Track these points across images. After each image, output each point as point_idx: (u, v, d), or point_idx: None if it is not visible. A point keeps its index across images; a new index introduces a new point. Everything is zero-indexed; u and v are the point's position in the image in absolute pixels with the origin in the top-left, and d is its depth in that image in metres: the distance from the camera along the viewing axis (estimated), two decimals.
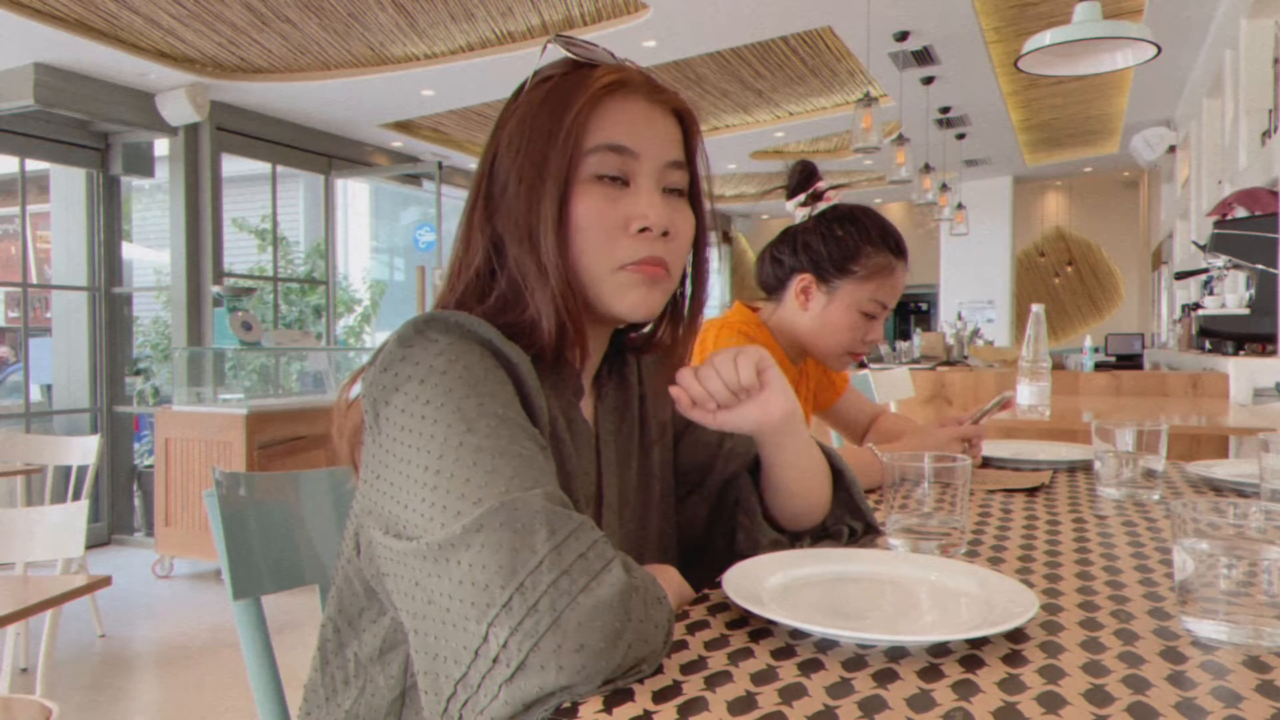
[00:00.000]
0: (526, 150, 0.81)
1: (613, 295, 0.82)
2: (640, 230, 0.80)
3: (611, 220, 0.80)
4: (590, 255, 0.80)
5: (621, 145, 0.80)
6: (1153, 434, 1.26)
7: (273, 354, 6.03)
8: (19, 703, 1.74)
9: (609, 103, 0.81)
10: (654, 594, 0.64)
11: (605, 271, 0.81)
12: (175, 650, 3.60)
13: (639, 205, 0.80)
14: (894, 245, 1.59)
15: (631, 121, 0.81)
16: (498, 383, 0.72)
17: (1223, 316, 3.98)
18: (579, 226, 0.80)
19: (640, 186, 0.81)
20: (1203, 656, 0.67)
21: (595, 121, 0.80)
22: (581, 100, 0.80)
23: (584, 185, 0.80)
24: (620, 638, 0.60)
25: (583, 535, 0.63)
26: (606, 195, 0.80)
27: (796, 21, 4.88)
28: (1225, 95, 5.41)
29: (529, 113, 0.82)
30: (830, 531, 1.01)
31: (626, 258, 0.81)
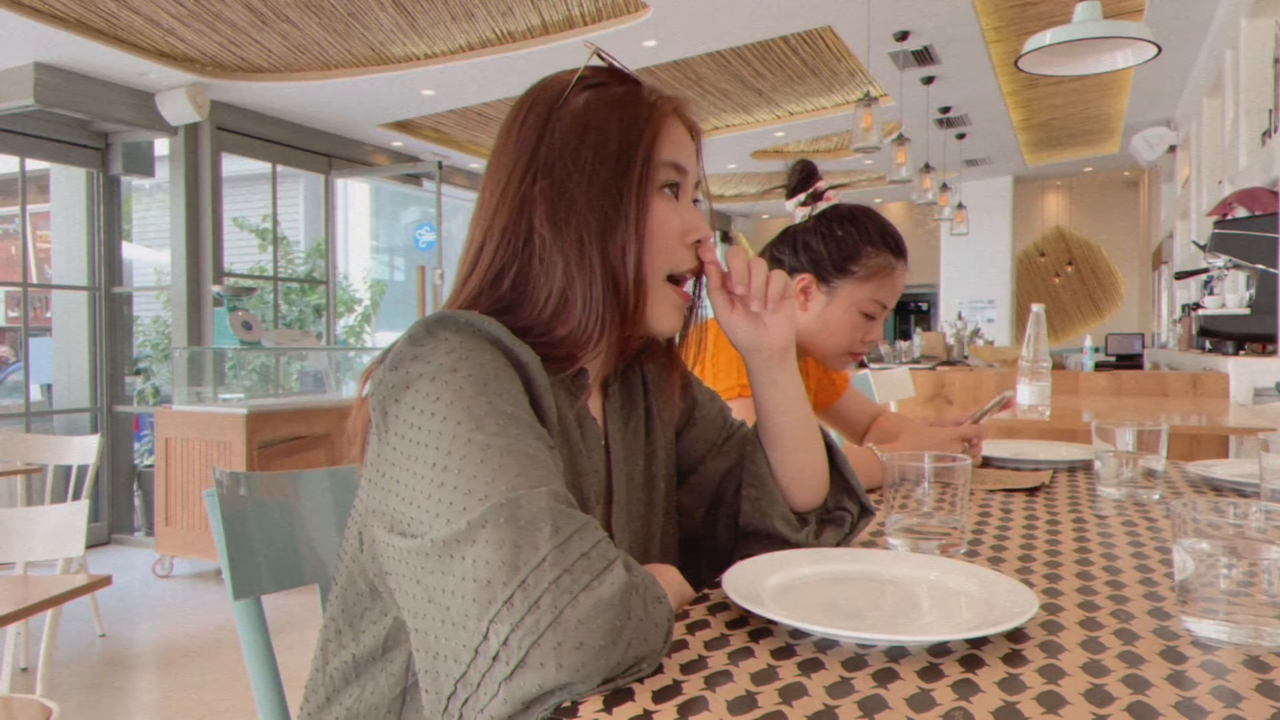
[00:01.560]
0: (598, 156, 0.83)
1: (656, 309, 0.86)
2: (694, 241, 0.87)
3: (674, 229, 0.86)
4: (654, 262, 0.85)
5: (681, 164, 0.87)
6: (1153, 434, 1.26)
7: (273, 354, 6.03)
8: (19, 702, 1.74)
9: (671, 122, 0.87)
10: (654, 593, 0.65)
11: (658, 279, 0.85)
12: (175, 650, 3.61)
13: (691, 218, 0.87)
14: (894, 245, 1.59)
15: (683, 142, 0.88)
16: (508, 382, 0.72)
17: (1223, 316, 3.98)
18: (652, 233, 0.84)
19: (686, 202, 0.88)
20: (1203, 656, 0.67)
21: (664, 138, 0.86)
22: (654, 117, 0.85)
23: (656, 195, 0.85)
24: (620, 636, 0.60)
25: (586, 534, 0.63)
26: (671, 207, 0.86)
27: (796, 21, 4.88)
28: (1225, 95, 5.41)
29: (593, 118, 0.84)
30: (833, 516, 1.01)
31: (680, 266, 0.87)
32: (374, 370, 0.76)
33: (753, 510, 0.97)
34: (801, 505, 0.99)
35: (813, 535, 0.99)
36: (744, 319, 0.93)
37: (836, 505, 1.02)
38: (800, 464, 0.97)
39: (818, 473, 0.99)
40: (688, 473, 1.02)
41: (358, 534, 0.81)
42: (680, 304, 0.88)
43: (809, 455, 0.98)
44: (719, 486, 1.01)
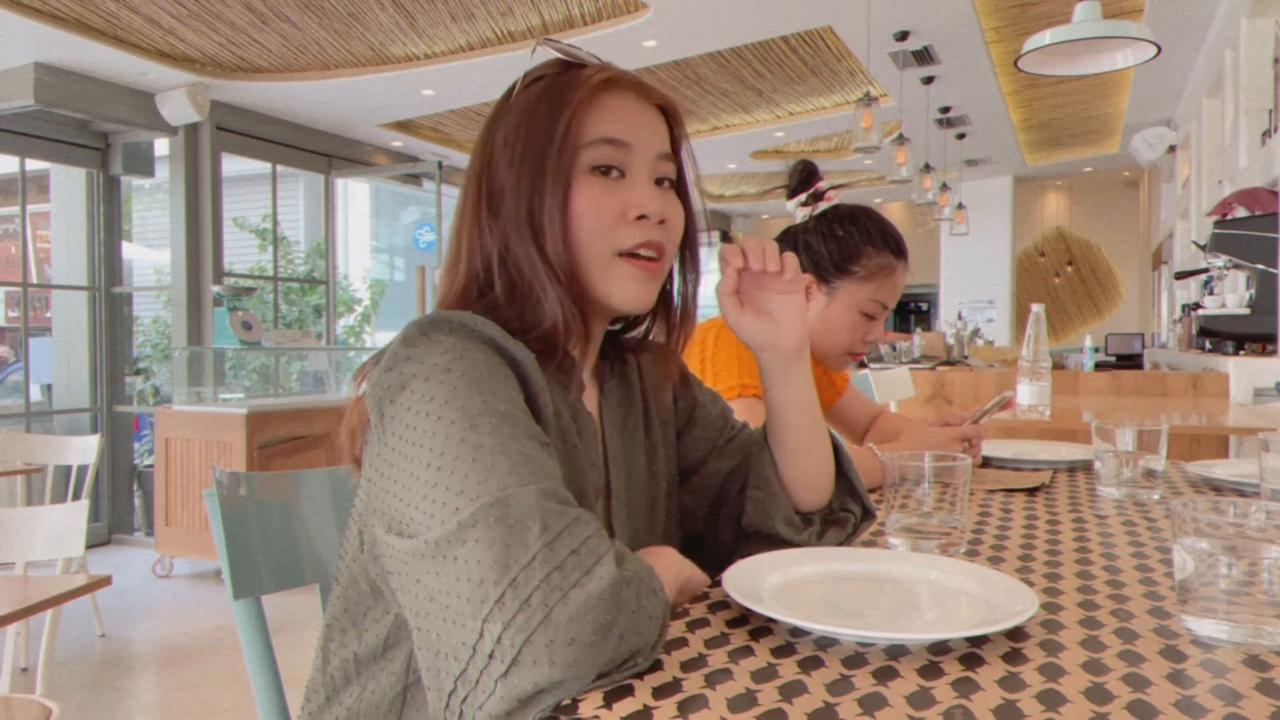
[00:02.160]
0: (525, 148, 0.83)
1: (613, 286, 0.84)
2: (638, 217, 0.83)
3: (611, 209, 0.83)
4: (591, 244, 0.83)
5: (616, 138, 0.83)
6: (1153, 434, 1.26)
7: (273, 354, 6.03)
8: (19, 702, 1.74)
9: (602, 98, 0.84)
10: (648, 586, 0.64)
11: (606, 259, 0.83)
12: (175, 650, 3.61)
13: (636, 194, 0.84)
14: (894, 245, 1.59)
15: (624, 115, 0.85)
16: (502, 380, 0.72)
17: (1223, 316, 3.98)
18: (580, 217, 0.82)
19: (635, 177, 0.85)
20: (1202, 655, 0.67)
21: (591, 116, 0.83)
22: (577, 97, 0.83)
23: (583, 178, 0.83)
24: (611, 630, 0.60)
25: (576, 530, 0.63)
26: (604, 186, 0.83)
27: (796, 21, 4.88)
28: (1225, 95, 5.41)
29: (524, 112, 0.85)
30: (837, 517, 1.01)
31: (626, 243, 0.83)
32: (369, 371, 0.77)
33: (755, 511, 0.97)
34: (806, 505, 0.99)
35: (815, 536, 0.99)
36: (755, 318, 0.93)
37: (841, 506, 1.02)
38: (807, 464, 0.97)
39: (824, 473, 0.99)
40: (690, 473, 1.02)
41: (358, 534, 0.81)
42: (641, 276, 0.84)
43: (817, 455, 0.98)
44: (721, 487, 1.01)
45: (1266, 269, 3.74)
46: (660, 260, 0.86)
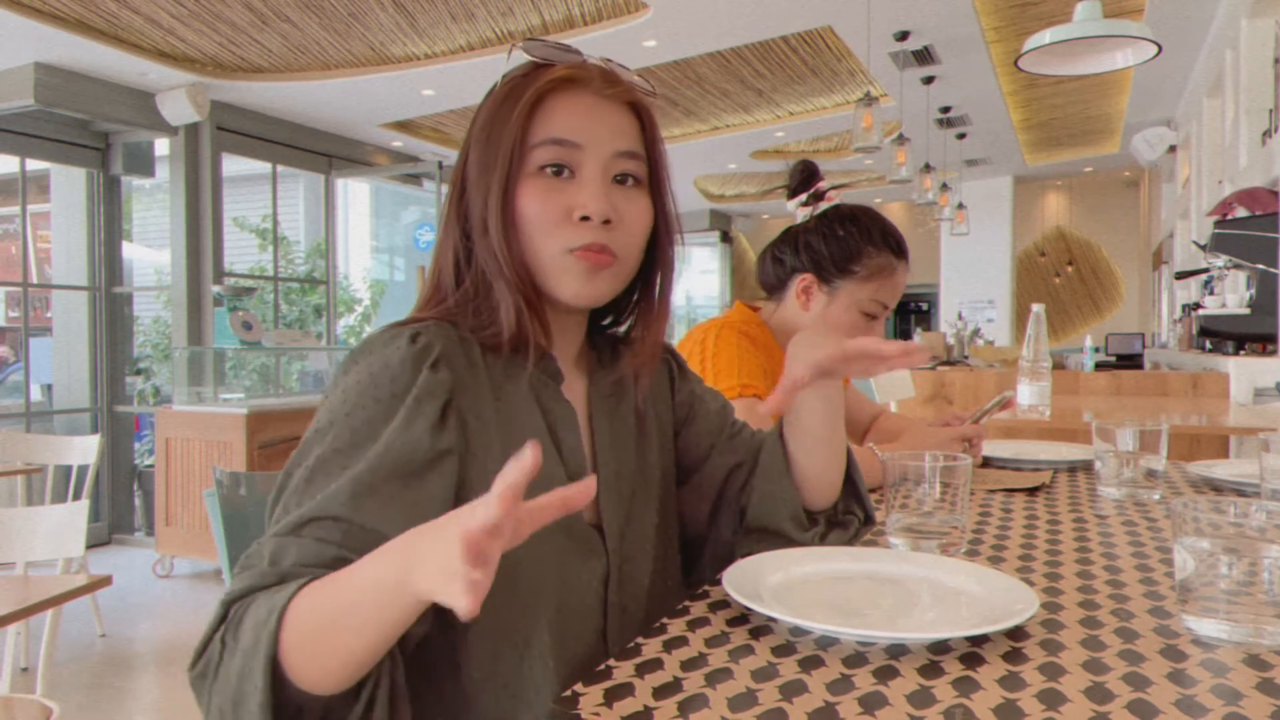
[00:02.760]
0: (483, 149, 0.86)
1: (558, 281, 0.85)
2: (581, 219, 0.83)
3: (554, 210, 0.83)
4: (536, 244, 0.84)
5: (563, 138, 0.84)
6: (1153, 434, 1.26)
7: (273, 354, 6.03)
8: (19, 702, 1.74)
9: (553, 98, 0.84)
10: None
11: (552, 258, 0.84)
12: (175, 650, 3.60)
13: (581, 195, 0.83)
14: (895, 245, 1.59)
15: (575, 114, 0.84)
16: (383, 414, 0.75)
17: (1223, 316, 3.98)
18: (524, 217, 0.84)
19: (585, 177, 0.84)
20: (1203, 654, 0.67)
21: (540, 116, 0.84)
22: (528, 97, 0.83)
23: (529, 178, 0.84)
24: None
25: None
26: (549, 186, 0.84)
27: (796, 21, 4.88)
28: (1226, 95, 5.41)
29: (489, 114, 0.87)
30: (841, 519, 1.02)
31: (570, 244, 0.83)
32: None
33: (761, 505, 0.97)
34: (815, 504, 1.00)
35: (818, 538, 0.99)
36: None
37: (845, 509, 1.02)
38: (827, 456, 0.98)
39: (838, 468, 1.00)
40: (691, 470, 1.02)
41: None
42: (587, 270, 0.84)
43: (835, 447, 0.99)
44: (724, 485, 1.01)
45: (1267, 269, 3.74)
46: (611, 257, 0.85)
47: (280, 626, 0.62)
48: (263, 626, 0.62)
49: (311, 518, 0.70)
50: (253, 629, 0.63)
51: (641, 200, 0.87)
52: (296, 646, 0.62)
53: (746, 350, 1.54)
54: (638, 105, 0.88)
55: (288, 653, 0.62)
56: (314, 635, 0.61)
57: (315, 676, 0.62)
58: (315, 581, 0.64)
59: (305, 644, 0.62)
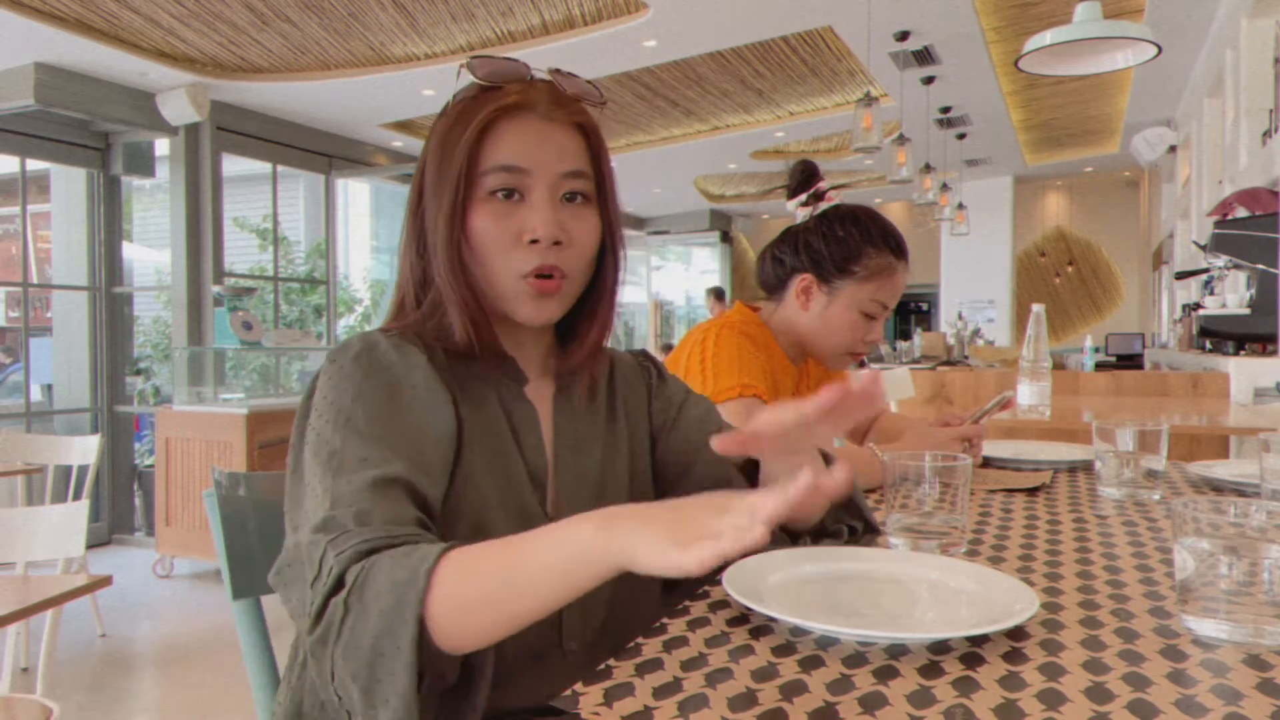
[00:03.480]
0: (436, 172, 0.88)
1: (513, 304, 0.89)
2: (531, 241, 0.86)
3: (505, 234, 0.87)
4: (489, 267, 0.88)
5: (511, 165, 0.86)
6: (1153, 434, 1.26)
7: (273, 354, 6.03)
8: (19, 702, 1.74)
9: (501, 125, 0.87)
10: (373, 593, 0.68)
11: (506, 280, 0.88)
12: (175, 650, 3.61)
13: (530, 219, 0.86)
14: (895, 246, 1.59)
15: (522, 139, 0.87)
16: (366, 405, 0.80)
17: (1223, 316, 3.98)
18: (477, 241, 0.87)
19: (534, 200, 0.87)
20: (1203, 655, 0.67)
21: (489, 143, 0.87)
22: (475, 126, 0.86)
23: (480, 203, 0.87)
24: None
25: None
26: (500, 211, 0.87)
27: (796, 21, 4.88)
28: (1226, 95, 5.41)
29: (440, 137, 0.89)
30: (830, 530, 1.01)
31: (523, 268, 0.87)
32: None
33: None
34: (793, 527, 0.99)
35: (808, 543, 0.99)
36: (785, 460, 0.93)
37: (835, 521, 1.01)
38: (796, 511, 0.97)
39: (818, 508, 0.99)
40: (676, 481, 1.02)
41: None
42: (533, 294, 0.87)
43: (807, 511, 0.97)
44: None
45: (1267, 269, 3.74)
46: (556, 279, 0.88)
47: (428, 588, 0.64)
48: (407, 586, 0.64)
49: (375, 480, 0.74)
50: (392, 590, 0.64)
51: (590, 217, 0.90)
52: (454, 609, 0.64)
53: (746, 350, 1.54)
54: (584, 124, 0.90)
55: (436, 615, 0.64)
56: (480, 603, 0.64)
57: (464, 640, 0.65)
58: (465, 549, 0.66)
59: (466, 608, 0.64)
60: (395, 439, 0.78)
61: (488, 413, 0.89)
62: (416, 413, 0.81)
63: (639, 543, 0.59)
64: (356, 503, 0.72)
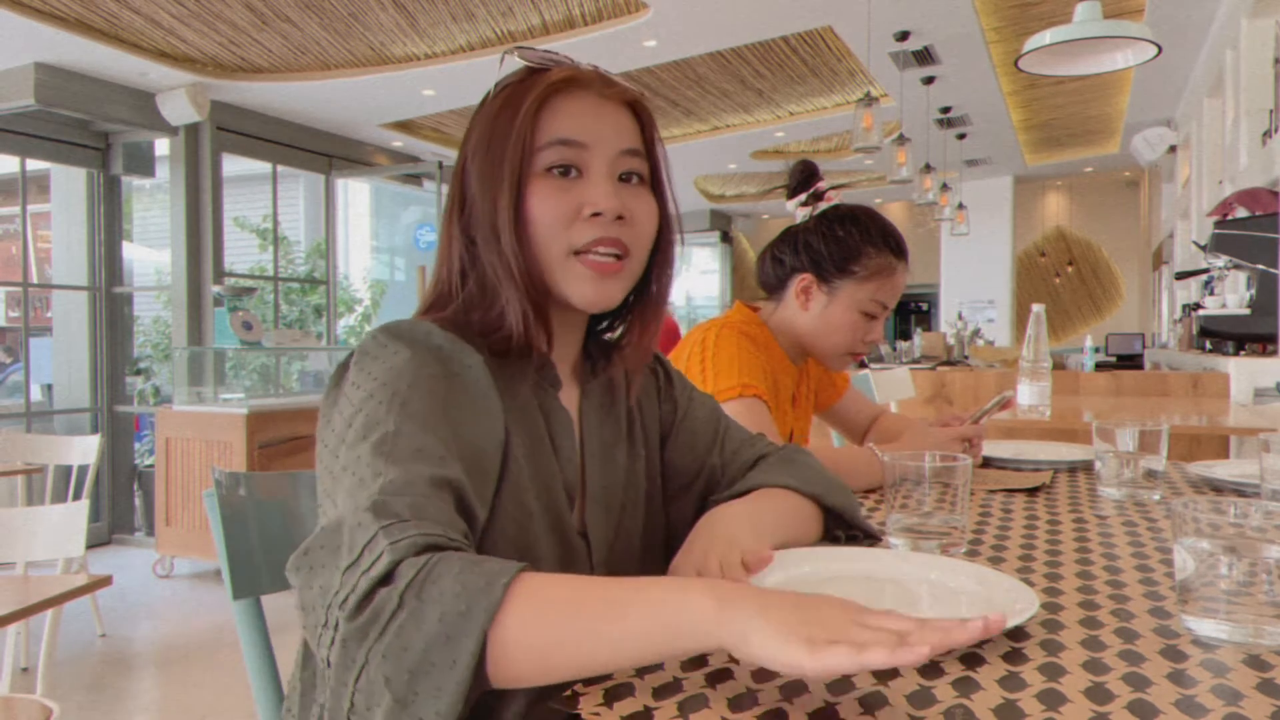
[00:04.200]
0: (486, 154, 0.85)
1: (568, 285, 0.85)
2: (592, 215, 0.83)
3: (565, 209, 0.84)
4: (546, 244, 0.84)
5: (570, 139, 0.84)
6: (1153, 434, 1.26)
7: (273, 354, 6.03)
8: (19, 702, 1.74)
9: (557, 100, 0.85)
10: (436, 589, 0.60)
11: (561, 258, 0.84)
12: (175, 650, 3.61)
13: (591, 192, 0.84)
14: (895, 246, 1.59)
15: (580, 115, 0.85)
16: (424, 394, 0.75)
17: (1223, 316, 3.98)
18: (535, 219, 0.83)
19: (592, 176, 0.85)
20: (1203, 655, 0.67)
21: (545, 118, 0.84)
22: (532, 99, 0.84)
23: (538, 180, 0.84)
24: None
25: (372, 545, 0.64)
26: (558, 186, 0.84)
27: (796, 21, 4.88)
28: (1226, 95, 5.41)
29: (489, 119, 0.86)
30: (828, 538, 1.01)
31: (580, 241, 0.84)
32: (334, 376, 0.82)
33: None
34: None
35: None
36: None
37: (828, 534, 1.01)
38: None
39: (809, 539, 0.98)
40: (683, 488, 1.01)
41: None
42: (595, 276, 0.84)
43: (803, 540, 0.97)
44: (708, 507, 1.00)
45: (1267, 269, 3.74)
46: (623, 259, 0.85)
47: (503, 603, 0.57)
48: (479, 594, 0.57)
49: (433, 478, 0.68)
50: (460, 596, 0.57)
51: (648, 199, 0.88)
52: (523, 636, 0.57)
53: (746, 350, 1.54)
54: (635, 104, 0.89)
55: (501, 638, 0.57)
56: (554, 642, 0.57)
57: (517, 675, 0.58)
58: (543, 575, 0.60)
59: (536, 640, 0.57)
60: (450, 440, 0.72)
61: (530, 420, 0.85)
62: (471, 418, 0.76)
63: (759, 631, 0.54)
64: (410, 493, 0.65)
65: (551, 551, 0.83)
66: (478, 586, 0.57)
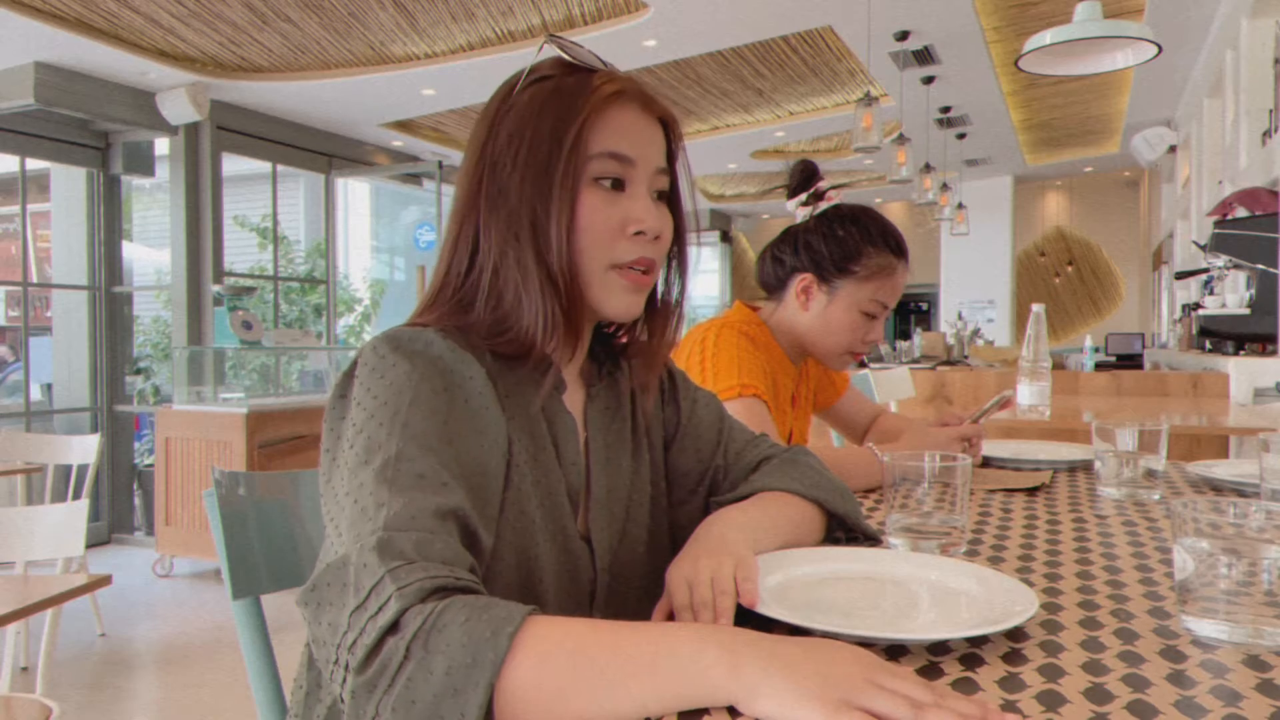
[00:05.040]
0: (530, 151, 0.83)
1: (604, 296, 0.85)
2: (636, 233, 0.84)
3: (611, 222, 0.84)
4: (589, 254, 0.84)
5: (622, 153, 0.84)
6: (1153, 434, 1.26)
7: (273, 353, 6.03)
8: (19, 702, 1.74)
9: (610, 111, 0.84)
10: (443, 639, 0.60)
11: (600, 270, 0.84)
12: (175, 650, 3.61)
13: (636, 210, 0.84)
14: (895, 245, 1.59)
15: (630, 130, 0.85)
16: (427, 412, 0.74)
17: (1223, 316, 3.98)
18: (582, 227, 0.83)
19: (636, 192, 0.85)
20: (1202, 655, 0.67)
21: (599, 128, 0.83)
22: (588, 107, 0.83)
23: (587, 189, 0.83)
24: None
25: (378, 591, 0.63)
26: (606, 198, 0.84)
27: (797, 21, 4.88)
28: (1226, 95, 5.41)
29: (530, 113, 0.84)
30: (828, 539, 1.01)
31: (622, 258, 0.84)
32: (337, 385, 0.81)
33: None
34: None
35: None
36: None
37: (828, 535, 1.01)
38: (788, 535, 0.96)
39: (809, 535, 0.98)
40: (689, 493, 1.01)
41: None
42: (630, 287, 0.85)
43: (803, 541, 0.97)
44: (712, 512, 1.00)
45: (1267, 269, 3.74)
46: (651, 273, 0.87)
47: (509, 653, 0.57)
48: (485, 646, 0.57)
49: (437, 510, 0.67)
50: (467, 647, 0.57)
51: (668, 216, 0.89)
52: (530, 686, 0.57)
53: (746, 350, 1.54)
54: (667, 120, 0.89)
55: (508, 689, 0.57)
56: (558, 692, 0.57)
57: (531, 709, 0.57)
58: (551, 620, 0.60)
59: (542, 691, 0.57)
60: (453, 462, 0.72)
61: (534, 426, 0.85)
62: (473, 433, 0.76)
63: (773, 689, 0.54)
64: (416, 528, 0.65)
65: (553, 557, 0.82)
66: (483, 637, 0.57)
